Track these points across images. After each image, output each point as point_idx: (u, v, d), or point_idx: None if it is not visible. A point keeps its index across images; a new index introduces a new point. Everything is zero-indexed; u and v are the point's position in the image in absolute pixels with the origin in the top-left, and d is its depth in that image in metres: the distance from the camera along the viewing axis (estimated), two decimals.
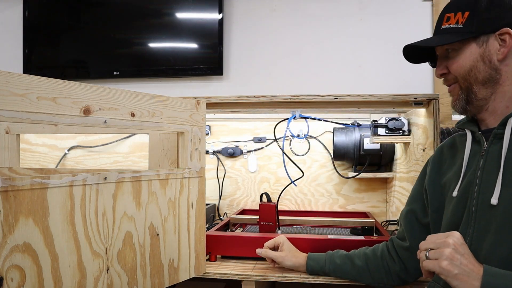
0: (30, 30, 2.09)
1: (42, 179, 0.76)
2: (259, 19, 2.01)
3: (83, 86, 0.85)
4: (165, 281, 1.03)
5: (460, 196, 0.86)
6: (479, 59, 0.85)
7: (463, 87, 0.89)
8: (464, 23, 0.85)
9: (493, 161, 0.82)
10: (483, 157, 0.85)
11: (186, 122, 1.09)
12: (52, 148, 1.96)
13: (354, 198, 1.82)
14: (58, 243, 0.79)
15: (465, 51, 0.86)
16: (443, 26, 0.89)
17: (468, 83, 0.87)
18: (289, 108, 1.35)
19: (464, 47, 0.86)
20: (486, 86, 0.86)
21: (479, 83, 0.86)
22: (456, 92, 0.91)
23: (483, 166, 0.84)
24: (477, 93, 0.86)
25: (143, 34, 2.02)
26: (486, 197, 0.80)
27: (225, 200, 1.88)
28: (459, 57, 0.87)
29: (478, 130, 0.89)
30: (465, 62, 0.86)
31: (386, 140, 1.48)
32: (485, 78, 0.85)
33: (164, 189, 1.03)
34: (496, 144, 0.83)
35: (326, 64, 1.96)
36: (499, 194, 0.78)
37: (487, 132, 0.87)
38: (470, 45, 0.86)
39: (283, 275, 1.13)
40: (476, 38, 0.85)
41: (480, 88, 0.86)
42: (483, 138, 0.86)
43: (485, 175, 0.83)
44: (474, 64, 0.86)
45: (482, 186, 0.82)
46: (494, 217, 0.74)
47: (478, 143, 0.88)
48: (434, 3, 1.87)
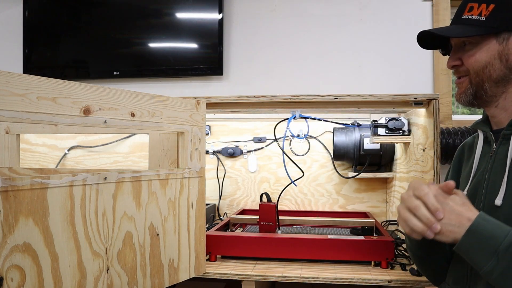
0: (30, 30, 2.09)
1: (42, 179, 0.76)
2: (259, 19, 2.01)
3: (83, 86, 0.85)
4: (165, 281, 1.03)
5: (469, 196, 0.86)
6: (497, 56, 0.82)
7: (474, 82, 0.85)
8: (488, 17, 0.81)
9: (501, 162, 0.82)
10: (492, 157, 0.84)
11: (186, 122, 1.09)
12: (52, 148, 1.96)
13: (354, 198, 1.82)
14: (58, 243, 0.79)
15: (483, 46, 0.83)
16: (465, 15, 0.85)
17: (480, 79, 0.84)
18: (289, 108, 1.35)
19: (483, 41, 0.83)
20: (498, 84, 0.83)
21: (492, 81, 0.83)
22: (464, 85, 0.87)
23: (491, 167, 0.84)
24: (488, 90, 0.84)
25: (143, 34, 2.02)
26: (492, 198, 0.80)
27: (225, 200, 1.88)
28: (476, 51, 0.83)
29: (490, 130, 0.88)
30: (482, 58, 0.83)
31: (386, 140, 1.48)
32: (499, 76, 0.82)
33: (164, 189, 1.03)
34: (504, 145, 0.83)
35: (326, 64, 1.96)
36: (504, 195, 0.78)
37: (497, 132, 0.86)
38: (490, 41, 0.82)
39: (283, 275, 1.13)
40: (497, 34, 0.81)
41: (491, 85, 0.83)
42: (493, 138, 0.86)
43: (493, 176, 0.82)
44: (491, 61, 0.82)
45: (489, 186, 0.82)
46: (498, 218, 0.74)
47: (489, 143, 0.87)
48: (434, 3, 1.87)
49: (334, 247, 1.22)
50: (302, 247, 1.23)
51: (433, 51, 1.83)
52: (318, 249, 1.23)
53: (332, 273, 1.15)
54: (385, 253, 1.20)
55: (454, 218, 0.74)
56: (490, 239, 0.69)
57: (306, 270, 1.17)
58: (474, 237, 0.71)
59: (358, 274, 1.14)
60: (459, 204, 0.75)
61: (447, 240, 0.75)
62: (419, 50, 1.84)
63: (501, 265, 0.67)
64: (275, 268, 1.19)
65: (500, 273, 0.68)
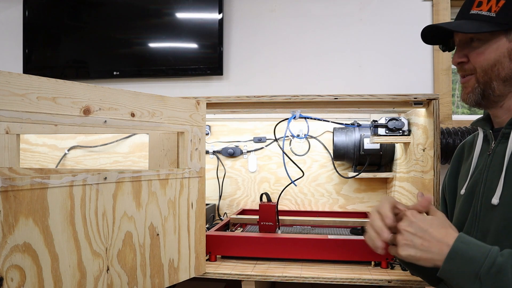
0: (30, 30, 2.09)
1: (42, 179, 0.76)
2: (259, 19, 2.01)
3: (83, 86, 0.85)
4: (165, 281, 1.03)
5: (467, 195, 0.86)
6: (506, 54, 0.79)
7: (481, 81, 0.82)
8: (498, 12, 0.78)
9: (499, 161, 0.81)
10: (490, 156, 0.84)
11: (186, 122, 1.09)
12: (52, 148, 1.96)
13: (354, 198, 1.82)
14: (58, 243, 0.79)
15: (492, 43, 0.80)
16: (473, 10, 0.81)
17: (488, 77, 0.81)
18: (289, 108, 1.35)
19: (492, 38, 0.79)
20: (506, 83, 0.81)
21: (500, 79, 0.80)
22: (471, 85, 0.84)
23: (489, 166, 0.83)
24: (495, 89, 0.81)
25: (143, 34, 2.02)
26: (489, 197, 0.79)
27: (225, 200, 1.88)
28: (484, 48, 0.80)
29: (490, 129, 0.87)
30: (490, 55, 0.80)
31: (386, 140, 1.48)
32: (507, 75, 0.80)
33: (164, 189, 1.03)
34: (503, 143, 0.82)
35: (326, 64, 1.96)
36: (501, 194, 0.77)
37: (498, 131, 0.85)
38: (499, 38, 0.79)
39: (283, 275, 1.13)
40: (507, 32, 0.78)
41: (499, 84, 0.81)
42: (492, 137, 0.85)
43: (490, 175, 0.82)
44: (500, 59, 0.79)
45: (487, 185, 0.82)
46: (494, 217, 0.74)
47: (488, 142, 0.87)
48: (434, 3, 1.87)
49: (334, 247, 1.22)
50: (302, 247, 1.23)
51: (433, 51, 1.84)
52: (318, 249, 1.23)
53: (332, 273, 1.15)
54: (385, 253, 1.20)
55: (434, 246, 0.72)
56: (470, 263, 0.68)
57: (306, 270, 1.17)
58: (454, 263, 0.70)
59: (358, 274, 1.14)
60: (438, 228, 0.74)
61: (428, 265, 0.74)
62: (419, 50, 1.86)
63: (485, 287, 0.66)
64: (275, 268, 1.19)
65: None
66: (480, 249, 0.69)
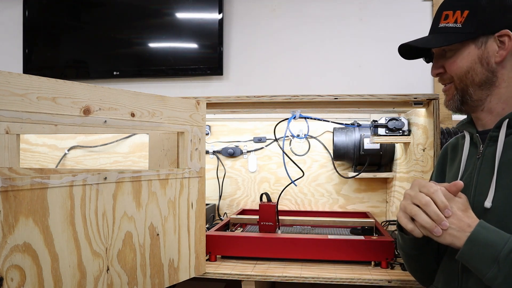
0: (30, 30, 2.09)
1: (42, 179, 0.76)
2: (259, 19, 2.01)
3: (83, 86, 0.85)
4: (165, 281, 1.03)
5: None
6: (477, 61, 0.83)
7: (459, 88, 0.87)
8: (463, 23, 0.82)
9: (488, 164, 0.82)
10: (479, 159, 0.84)
11: (186, 122, 1.09)
12: (52, 148, 1.96)
13: (354, 198, 1.82)
14: (58, 243, 0.79)
15: (463, 52, 0.84)
16: (441, 24, 0.86)
17: (464, 84, 0.85)
18: (289, 108, 1.35)
19: (462, 47, 0.84)
20: (482, 88, 0.84)
21: (476, 85, 0.84)
22: (451, 92, 0.89)
23: (479, 169, 0.84)
24: (473, 94, 0.85)
25: (143, 34, 2.02)
26: (480, 200, 0.80)
27: (225, 200, 1.88)
28: (456, 57, 0.85)
29: (476, 132, 0.88)
30: (463, 64, 0.84)
31: (386, 140, 1.48)
32: (481, 80, 0.84)
33: (164, 189, 1.03)
34: (491, 146, 0.83)
35: (326, 64, 1.96)
36: (493, 197, 0.78)
37: (484, 133, 0.86)
38: (469, 46, 0.83)
39: (283, 275, 1.13)
40: (475, 39, 0.83)
41: (476, 89, 0.85)
42: (479, 140, 0.86)
43: (481, 178, 0.82)
44: (472, 66, 0.84)
45: (478, 188, 0.82)
46: (487, 220, 0.74)
47: (476, 145, 0.88)
48: (434, 3, 1.87)
49: (334, 247, 1.22)
50: (302, 247, 1.23)
51: None
52: (318, 249, 1.23)
53: (332, 273, 1.15)
54: (385, 253, 1.20)
55: (455, 222, 0.75)
56: (489, 247, 0.70)
57: (306, 270, 1.17)
58: (474, 246, 0.72)
59: (358, 274, 1.14)
60: (461, 209, 0.76)
61: (444, 241, 0.75)
62: None
63: (502, 272, 0.68)
64: (275, 268, 1.19)
65: (502, 280, 0.68)
66: (500, 234, 0.71)
